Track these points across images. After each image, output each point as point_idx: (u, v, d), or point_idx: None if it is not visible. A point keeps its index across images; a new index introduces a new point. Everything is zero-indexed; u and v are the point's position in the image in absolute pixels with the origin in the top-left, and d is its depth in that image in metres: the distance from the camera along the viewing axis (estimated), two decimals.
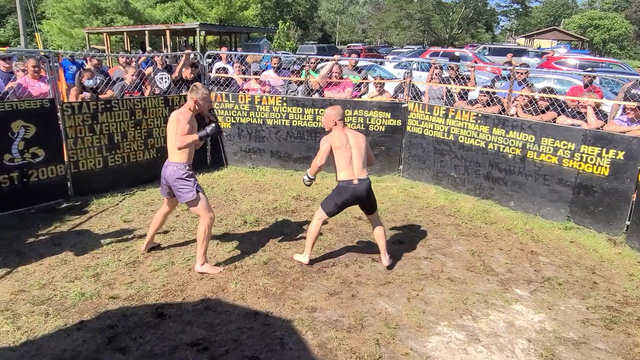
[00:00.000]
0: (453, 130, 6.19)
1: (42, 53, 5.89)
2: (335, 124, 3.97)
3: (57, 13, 26.42)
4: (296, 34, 45.03)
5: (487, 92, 6.20)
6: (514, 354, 3.05)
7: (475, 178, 6.05)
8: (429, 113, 6.45)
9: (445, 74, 7.22)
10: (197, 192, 3.79)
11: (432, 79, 6.96)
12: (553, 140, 5.26)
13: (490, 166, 5.87)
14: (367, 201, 4.00)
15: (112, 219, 5.06)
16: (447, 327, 3.32)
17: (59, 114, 5.33)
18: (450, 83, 6.79)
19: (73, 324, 3.19)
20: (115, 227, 4.83)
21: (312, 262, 4.17)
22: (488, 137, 5.83)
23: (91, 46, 22.70)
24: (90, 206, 5.39)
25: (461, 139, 6.12)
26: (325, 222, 4.34)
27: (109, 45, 22.16)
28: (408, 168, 6.84)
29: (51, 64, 5.30)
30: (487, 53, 23.71)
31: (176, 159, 3.78)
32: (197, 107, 3.76)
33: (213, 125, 3.74)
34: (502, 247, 4.69)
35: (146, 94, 6.54)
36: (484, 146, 5.89)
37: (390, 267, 4.14)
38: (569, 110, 5.71)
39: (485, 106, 6.14)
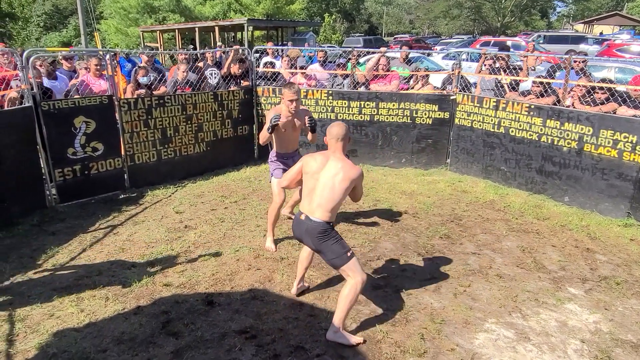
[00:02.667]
0: (504, 122, 5.99)
1: (100, 52, 6.21)
2: (326, 143, 3.15)
3: (114, 13, 27.72)
4: (342, 26, 44.83)
5: (541, 83, 5.95)
6: (566, 355, 2.94)
7: (527, 172, 5.84)
8: (478, 105, 6.27)
9: (497, 64, 6.98)
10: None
11: (481, 70, 6.76)
12: (613, 132, 4.98)
13: (543, 160, 5.64)
14: (313, 247, 3.10)
15: (165, 210, 5.29)
16: (495, 324, 3.25)
17: (116, 110, 5.61)
18: (500, 73, 6.56)
19: (130, 308, 3.37)
20: (168, 218, 5.05)
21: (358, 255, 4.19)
22: (541, 129, 5.60)
23: (145, 44, 23.64)
24: (145, 197, 5.66)
25: (512, 131, 5.92)
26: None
27: (161, 43, 23.00)
28: (456, 161, 6.69)
29: (109, 62, 5.59)
30: (542, 41, 22.61)
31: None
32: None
33: None
34: (555, 244, 4.51)
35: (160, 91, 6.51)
36: (537, 139, 5.66)
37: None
38: (631, 100, 5.38)
39: (538, 97, 5.90)
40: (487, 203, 5.58)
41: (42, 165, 5.19)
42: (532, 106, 5.68)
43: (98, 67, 6.06)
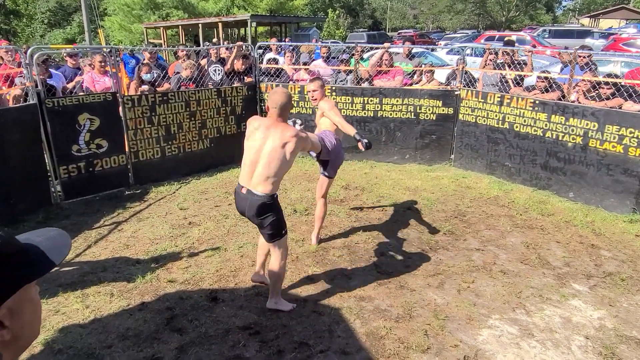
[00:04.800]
0: (508, 118, 5.97)
1: (104, 49, 6.22)
2: (267, 110, 3.16)
3: (118, 9, 27.72)
4: (346, 22, 44.62)
5: (546, 78, 5.91)
6: (570, 351, 2.94)
7: (532, 168, 5.81)
8: (482, 100, 6.24)
9: (501, 59, 6.93)
10: None
11: (485, 65, 6.72)
12: (618, 127, 4.95)
13: (547, 155, 5.61)
14: (256, 222, 3.10)
15: (169, 206, 5.30)
16: (499, 320, 3.24)
17: (120, 106, 5.62)
18: (505, 69, 6.53)
19: (135, 304, 3.39)
20: (172, 215, 5.06)
21: (360, 251, 4.19)
22: (546, 124, 5.57)
23: (149, 40, 23.65)
24: (149, 194, 5.68)
25: (517, 127, 5.89)
26: None
27: (165, 39, 23.00)
28: (460, 157, 6.67)
29: (113, 59, 5.60)
30: (547, 36, 22.45)
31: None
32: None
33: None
34: (560, 240, 4.50)
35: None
36: (542, 134, 5.63)
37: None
38: (637, 95, 5.33)
39: (543, 92, 5.86)
40: (491, 199, 5.56)
41: (47, 162, 5.21)
42: (537, 101, 5.65)
43: (102, 63, 6.07)
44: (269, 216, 3.03)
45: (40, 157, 5.14)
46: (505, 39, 10.65)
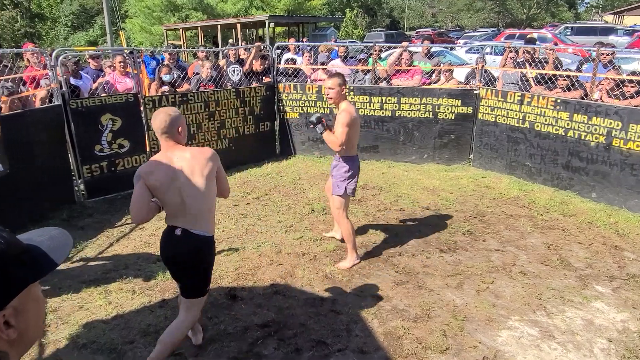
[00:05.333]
0: (529, 117, 5.88)
1: (126, 50, 6.34)
2: (162, 141, 2.52)
3: (139, 12, 28.18)
4: (364, 21, 44.50)
5: (568, 76, 5.81)
6: (592, 354, 2.89)
7: (553, 167, 5.72)
8: (502, 99, 6.17)
9: (521, 57, 6.84)
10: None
11: (506, 64, 6.64)
12: None
13: (569, 155, 5.52)
14: (181, 270, 2.57)
15: None
16: (519, 322, 3.21)
17: (141, 107, 5.72)
18: (525, 67, 6.43)
19: (156, 301, 3.46)
20: None
21: (378, 251, 4.19)
22: (568, 124, 5.48)
23: (169, 42, 23.97)
24: None
25: (537, 126, 5.80)
26: None
27: (184, 40, 23.29)
28: (479, 157, 6.60)
29: (135, 61, 5.70)
30: (569, 33, 22.02)
31: None
32: None
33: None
34: (582, 241, 4.42)
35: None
36: (563, 134, 5.54)
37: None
38: None
39: (565, 91, 5.76)
40: (511, 199, 5.49)
41: (70, 162, 5.34)
42: (559, 100, 5.55)
43: (123, 65, 6.19)
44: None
45: (65, 157, 5.27)
46: (527, 36, 10.50)
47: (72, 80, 6.05)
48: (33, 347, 2.97)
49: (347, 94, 3.92)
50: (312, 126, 3.71)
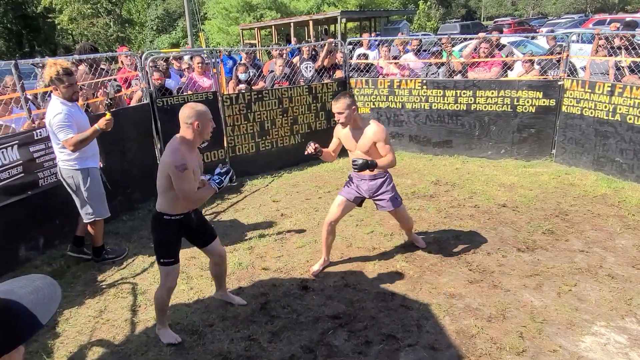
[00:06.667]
0: (620, 109, 5.43)
1: (205, 51, 6.69)
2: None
3: (217, 13, 29.46)
4: (438, 13, 43.16)
5: None
6: None
7: None
8: (590, 91, 5.74)
9: (616, 43, 6.30)
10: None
11: (596, 52, 6.16)
12: None
13: None
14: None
15: (263, 198, 5.58)
16: (605, 327, 3.00)
17: (219, 104, 6.02)
18: (620, 54, 5.92)
19: (233, 289, 3.64)
20: (265, 206, 5.33)
21: (452, 250, 4.10)
22: None
23: (244, 41, 24.86)
24: (245, 187, 6.02)
25: (630, 119, 5.34)
26: None
27: (259, 39, 24.02)
28: (562, 152, 6.20)
29: (214, 60, 6.00)
30: None
31: None
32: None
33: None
34: None
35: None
36: None
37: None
38: None
39: None
40: (599, 197, 5.11)
41: (157, 156, 5.74)
42: None
43: (201, 64, 6.53)
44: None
45: (152, 151, 5.68)
46: (626, 19, 9.61)
47: (166, 83, 6.50)
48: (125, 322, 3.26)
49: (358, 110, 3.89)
50: (361, 170, 3.66)
